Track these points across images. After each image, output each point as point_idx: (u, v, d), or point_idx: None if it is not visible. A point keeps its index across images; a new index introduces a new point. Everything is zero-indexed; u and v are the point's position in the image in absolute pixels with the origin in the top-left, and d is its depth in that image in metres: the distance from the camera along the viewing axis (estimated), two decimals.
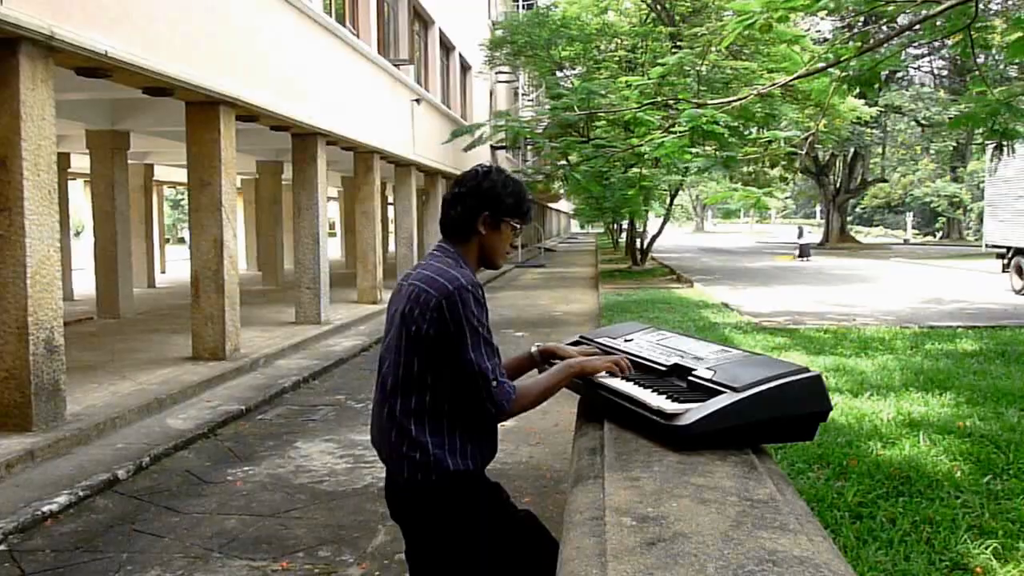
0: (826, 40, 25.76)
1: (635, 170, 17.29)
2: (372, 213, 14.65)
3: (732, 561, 1.25)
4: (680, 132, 6.01)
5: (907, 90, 42.66)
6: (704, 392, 1.94)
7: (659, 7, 22.46)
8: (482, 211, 2.17)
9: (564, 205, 57.84)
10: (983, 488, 4.29)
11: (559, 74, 23.86)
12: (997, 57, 25.00)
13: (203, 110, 8.66)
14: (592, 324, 12.58)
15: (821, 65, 6.40)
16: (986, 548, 3.56)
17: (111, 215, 12.20)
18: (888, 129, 46.79)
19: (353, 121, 12.92)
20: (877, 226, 69.44)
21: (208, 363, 8.57)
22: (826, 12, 6.42)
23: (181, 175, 18.19)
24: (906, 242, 51.43)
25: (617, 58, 21.59)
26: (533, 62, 22.43)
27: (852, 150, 43.87)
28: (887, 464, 4.65)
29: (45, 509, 4.62)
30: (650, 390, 2.03)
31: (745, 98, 6.94)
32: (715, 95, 11.20)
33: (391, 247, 23.04)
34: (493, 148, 25.97)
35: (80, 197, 25.35)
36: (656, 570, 1.22)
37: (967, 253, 33.04)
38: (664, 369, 2.21)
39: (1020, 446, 4.91)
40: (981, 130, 6.27)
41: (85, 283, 15.40)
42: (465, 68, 24.79)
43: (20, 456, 5.31)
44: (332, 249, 18.83)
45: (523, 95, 35.30)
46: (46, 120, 5.87)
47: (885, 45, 6.39)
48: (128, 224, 12.73)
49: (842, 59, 5.82)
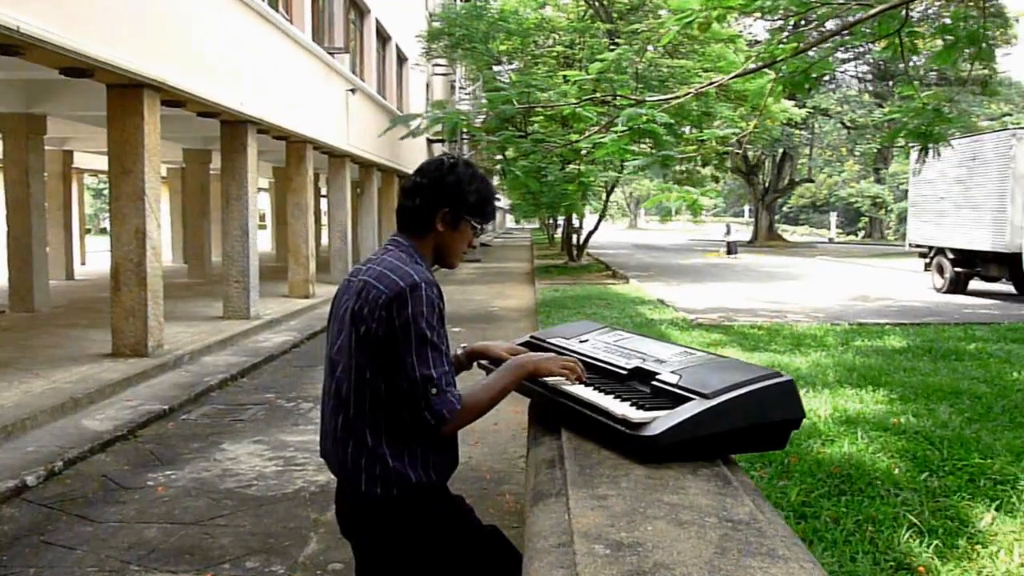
0: (758, 43, 26.26)
1: (572, 166, 17.27)
2: (305, 205, 14.29)
3: None
4: (620, 131, 5.95)
5: (834, 93, 44.01)
6: (670, 398, 1.80)
7: (597, 3, 22.51)
8: (442, 207, 2.01)
9: (500, 200, 57.80)
10: (921, 485, 4.32)
11: (497, 68, 23.68)
12: (918, 63, 25.90)
13: (125, 94, 8.24)
14: (529, 320, 12.48)
15: (757, 65, 6.42)
16: (928, 547, 3.57)
17: (25, 203, 11.63)
18: (815, 131, 48.20)
19: (285, 109, 12.53)
20: (803, 225, 71.56)
21: (129, 360, 8.18)
22: (761, 13, 6.44)
23: (103, 162, 17.42)
24: (831, 241, 52.97)
25: (555, 54, 21.54)
26: (471, 55, 22.19)
27: (781, 151, 45.08)
28: (827, 462, 4.65)
29: None
30: (612, 396, 1.89)
31: (684, 96, 6.93)
32: (652, 93, 11.20)
33: (323, 240, 22.58)
34: (430, 141, 25.63)
35: None
36: None
37: (889, 252, 34.23)
38: (624, 373, 2.07)
39: (954, 443, 4.99)
40: (904, 133, 6.40)
41: None
42: (402, 60, 24.42)
43: None
44: (262, 242, 18.30)
45: (460, 88, 34.94)
46: None
47: (818, 47, 6.44)
48: (44, 213, 12.17)
49: (778, 59, 5.83)
